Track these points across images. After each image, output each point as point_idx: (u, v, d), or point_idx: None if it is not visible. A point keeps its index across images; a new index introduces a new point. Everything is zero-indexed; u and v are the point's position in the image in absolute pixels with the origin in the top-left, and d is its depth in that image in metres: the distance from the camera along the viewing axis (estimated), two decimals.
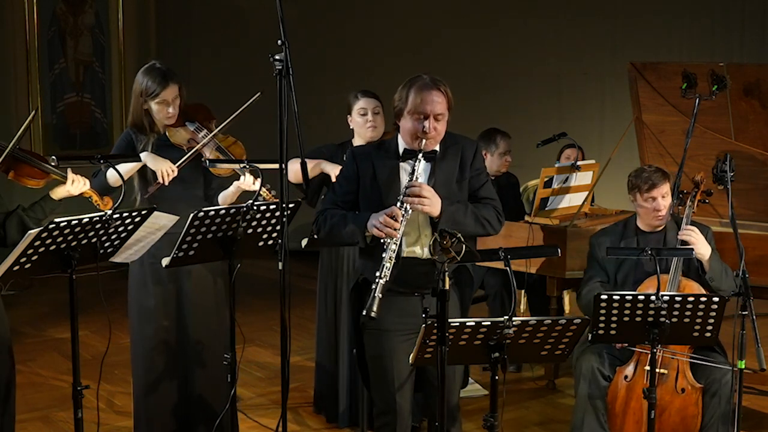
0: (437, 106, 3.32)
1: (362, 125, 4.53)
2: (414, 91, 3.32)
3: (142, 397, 4.13)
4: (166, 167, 3.92)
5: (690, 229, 4.09)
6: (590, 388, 4.06)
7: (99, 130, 9.02)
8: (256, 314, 6.79)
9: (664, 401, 3.97)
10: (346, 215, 3.40)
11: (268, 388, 5.38)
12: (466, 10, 8.84)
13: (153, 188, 3.96)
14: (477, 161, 3.47)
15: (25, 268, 3.26)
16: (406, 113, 3.35)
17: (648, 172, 4.19)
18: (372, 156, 3.45)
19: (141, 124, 4.04)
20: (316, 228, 3.51)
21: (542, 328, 3.08)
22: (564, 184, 5.46)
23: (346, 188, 3.48)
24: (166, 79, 3.99)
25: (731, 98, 5.09)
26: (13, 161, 3.62)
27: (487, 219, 3.40)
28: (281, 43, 3.20)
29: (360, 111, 4.54)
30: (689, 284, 4.05)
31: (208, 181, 4.18)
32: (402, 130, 3.39)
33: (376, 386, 3.55)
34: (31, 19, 8.45)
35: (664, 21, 8.15)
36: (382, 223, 3.20)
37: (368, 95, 4.58)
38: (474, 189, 3.46)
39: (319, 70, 8.64)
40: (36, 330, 6.61)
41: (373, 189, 3.41)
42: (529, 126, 7.87)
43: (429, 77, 3.37)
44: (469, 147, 3.46)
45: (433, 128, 3.32)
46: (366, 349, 3.54)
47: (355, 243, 3.43)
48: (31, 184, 3.67)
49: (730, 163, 4.14)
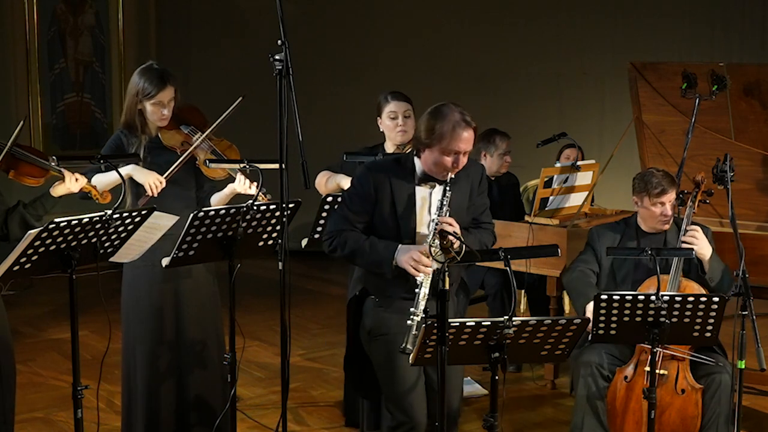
0: (468, 144, 3.39)
1: (392, 129, 4.44)
2: (448, 131, 3.33)
3: (136, 399, 4.12)
4: (152, 179, 3.88)
5: (694, 230, 4.09)
6: (590, 388, 4.06)
7: (99, 130, 9.02)
8: (256, 314, 6.79)
9: (664, 402, 3.97)
10: (370, 243, 3.41)
11: (268, 388, 5.38)
12: (465, 11, 8.84)
13: (143, 200, 3.93)
14: (483, 184, 3.61)
15: (25, 268, 3.26)
16: (435, 148, 3.36)
17: (658, 177, 4.16)
18: (389, 175, 3.45)
19: (133, 123, 4.02)
20: (332, 247, 3.48)
21: (542, 328, 3.08)
22: (564, 184, 5.46)
23: (361, 208, 3.46)
24: (163, 81, 3.97)
25: (731, 98, 5.10)
26: (13, 160, 3.63)
27: (486, 245, 3.58)
28: (281, 43, 3.20)
29: (390, 114, 4.43)
30: (689, 284, 4.05)
31: (200, 183, 4.16)
32: (425, 159, 3.41)
33: (389, 396, 3.56)
34: (31, 19, 8.45)
35: (664, 21, 8.16)
36: (416, 261, 3.31)
37: (399, 98, 4.46)
38: (477, 213, 3.61)
39: (314, 69, 8.63)
40: (36, 330, 6.61)
41: (390, 214, 3.44)
42: (529, 126, 7.88)
43: (458, 112, 3.37)
44: (476, 171, 3.59)
45: (461, 162, 3.40)
46: (374, 357, 3.57)
47: (378, 272, 3.44)
48: (31, 182, 3.68)
49: (730, 163, 4.14)
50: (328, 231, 3.52)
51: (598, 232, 4.38)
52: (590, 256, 4.33)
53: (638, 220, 4.31)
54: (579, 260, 4.35)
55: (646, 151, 5.48)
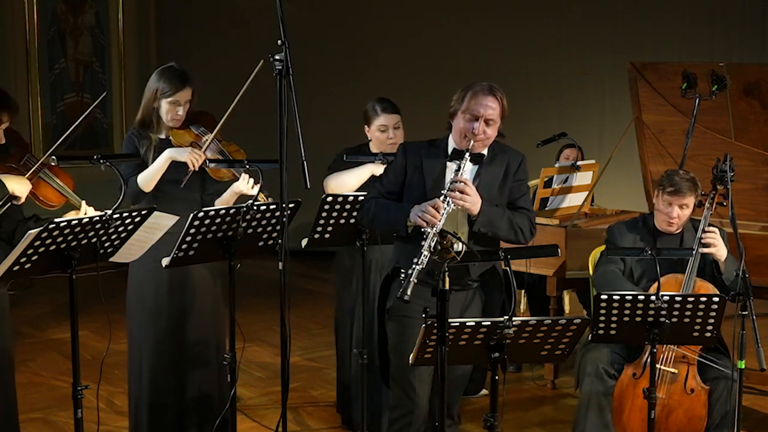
0: (490, 110, 3.46)
1: (383, 141, 4.42)
2: (470, 93, 3.47)
3: (142, 398, 4.13)
4: (193, 156, 3.90)
5: (712, 231, 4.04)
6: (595, 385, 4.05)
7: (99, 130, 9.02)
8: (256, 314, 6.79)
9: (673, 401, 3.96)
10: (390, 204, 3.55)
11: (268, 388, 5.38)
12: (465, 10, 8.83)
13: (187, 177, 3.94)
14: (520, 172, 3.64)
15: (25, 268, 3.26)
16: (459, 113, 3.49)
17: (680, 177, 4.09)
18: (422, 152, 3.58)
19: (149, 120, 4.03)
20: (360, 215, 3.68)
21: (542, 328, 3.08)
22: (564, 184, 5.46)
23: (393, 179, 3.61)
24: (183, 81, 4.00)
25: (731, 98, 5.10)
26: (36, 179, 3.73)
27: (520, 227, 3.55)
28: (281, 43, 3.20)
29: (380, 128, 4.41)
30: (704, 285, 4.03)
31: (207, 185, 4.16)
32: (453, 129, 3.54)
33: (395, 375, 3.60)
34: (31, 19, 8.45)
35: (664, 21, 8.15)
36: (424, 212, 3.33)
37: (388, 110, 4.42)
38: (513, 198, 3.62)
39: (314, 69, 8.62)
40: (36, 330, 6.61)
41: (418, 183, 3.54)
42: (529, 126, 7.87)
43: (488, 84, 3.50)
44: (515, 158, 3.63)
45: (483, 131, 3.46)
46: (389, 337, 3.62)
47: (396, 231, 3.56)
48: (45, 206, 3.77)
49: (730, 163, 4.14)
50: (362, 202, 3.71)
51: (619, 230, 4.28)
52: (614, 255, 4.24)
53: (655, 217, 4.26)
54: (606, 260, 4.23)
55: (646, 151, 5.48)
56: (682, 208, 4.11)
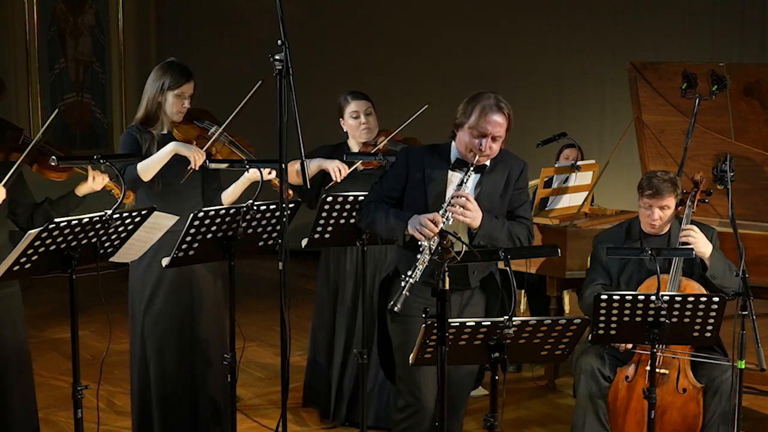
0: (497, 128, 3.44)
1: (356, 128, 4.54)
2: (478, 110, 3.43)
3: (150, 399, 4.12)
4: (196, 153, 3.92)
5: (689, 228, 4.08)
6: (591, 387, 4.07)
7: (99, 130, 9.02)
8: (256, 314, 6.79)
9: (665, 401, 3.97)
10: (389, 210, 3.52)
11: (268, 388, 5.38)
12: (465, 10, 8.83)
13: (186, 174, 3.95)
14: (521, 180, 3.63)
15: (25, 268, 3.26)
16: (466, 127, 3.45)
17: (659, 179, 4.11)
18: (424, 158, 3.55)
19: (153, 117, 4.03)
20: (359, 217, 3.68)
21: (542, 328, 3.08)
22: (564, 184, 5.45)
23: (393, 185, 3.59)
24: (188, 74, 4.05)
25: (731, 98, 5.09)
26: (38, 154, 3.74)
27: (518, 237, 3.57)
28: (281, 43, 3.21)
29: (352, 114, 4.55)
30: (690, 284, 4.05)
31: (209, 180, 4.17)
32: (458, 140, 3.51)
33: (401, 376, 3.60)
34: (31, 19, 8.44)
35: (664, 21, 8.14)
36: (422, 225, 3.32)
37: (358, 97, 4.58)
38: (513, 207, 3.62)
39: (314, 69, 8.62)
40: (36, 330, 6.60)
41: (419, 191, 3.52)
42: (529, 126, 7.85)
43: (494, 97, 3.49)
44: (516, 165, 3.62)
45: (489, 147, 3.44)
46: (392, 337, 3.63)
47: (393, 239, 3.57)
48: (54, 176, 3.81)
49: (730, 163, 4.14)
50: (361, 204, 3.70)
51: (600, 242, 4.31)
52: (598, 271, 4.28)
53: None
54: (589, 281, 4.29)
55: (646, 151, 5.47)
56: (662, 209, 4.13)
